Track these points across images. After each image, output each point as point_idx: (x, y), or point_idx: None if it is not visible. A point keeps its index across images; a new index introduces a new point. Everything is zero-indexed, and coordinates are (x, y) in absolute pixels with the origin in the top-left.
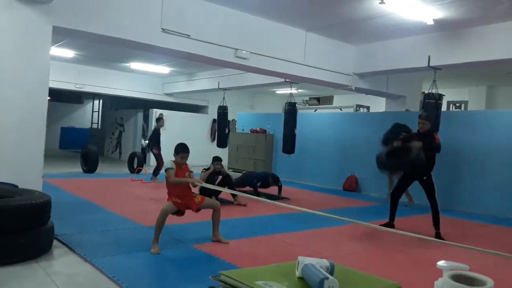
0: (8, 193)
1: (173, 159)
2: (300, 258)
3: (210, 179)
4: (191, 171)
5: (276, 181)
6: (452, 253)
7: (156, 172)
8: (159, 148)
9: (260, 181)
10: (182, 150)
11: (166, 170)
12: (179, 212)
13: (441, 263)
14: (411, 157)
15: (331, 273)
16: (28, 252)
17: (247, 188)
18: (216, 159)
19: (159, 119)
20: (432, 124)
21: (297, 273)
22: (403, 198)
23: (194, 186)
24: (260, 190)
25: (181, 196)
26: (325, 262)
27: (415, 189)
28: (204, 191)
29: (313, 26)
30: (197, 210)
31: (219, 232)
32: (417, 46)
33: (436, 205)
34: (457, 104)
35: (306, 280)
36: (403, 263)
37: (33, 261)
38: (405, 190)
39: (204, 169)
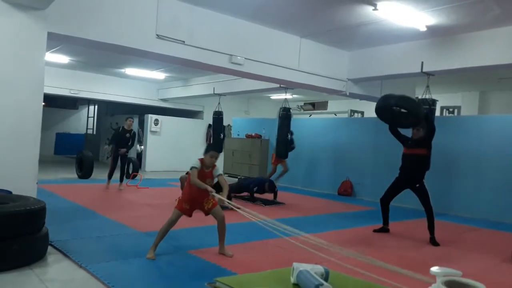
0: (3, 199)
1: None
2: (295, 264)
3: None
4: (221, 174)
5: (272, 188)
6: (446, 258)
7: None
8: (114, 150)
9: (257, 186)
10: (212, 149)
11: (191, 168)
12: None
13: (434, 269)
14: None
15: (326, 280)
16: (23, 259)
17: (244, 194)
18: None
19: (130, 118)
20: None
21: (292, 280)
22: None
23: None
24: (256, 195)
25: (192, 200)
26: (320, 269)
27: (407, 193)
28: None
29: (307, 32)
30: (206, 214)
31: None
32: (410, 52)
33: (431, 210)
34: (450, 110)
35: (301, 287)
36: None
37: (28, 267)
38: (394, 196)
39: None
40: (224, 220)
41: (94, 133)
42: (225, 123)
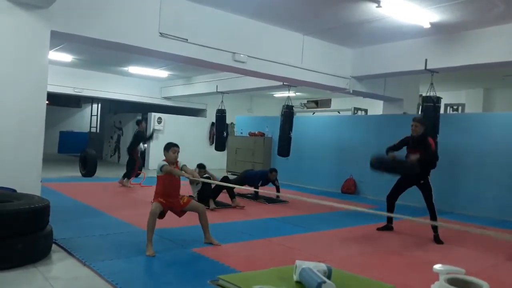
0: (7, 197)
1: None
2: (297, 262)
3: (206, 185)
4: (184, 165)
5: (273, 173)
6: (450, 256)
7: (130, 175)
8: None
9: (261, 180)
10: (172, 144)
11: (162, 167)
12: (161, 214)
13: (437, 266)
14: (406, 170)
15: (329, 277)
16: (27, 257)
17: (247, 187)
18: (199, 167)
19: (141, 121)
20: (425, 128)
21: (295, 277)
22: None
23: (192, 181)
24: (259, 191)
25: (167, 196)
26: (322, 266)
27: (412, 192)
28: (201, 195)
29: (311, 30)
30: (182, 212)
31: (212, 235)
32: (414, 49)
33: (433, 208)
34: (454, 107)
35: (303, 284)
36: (400, 266)
37: (32, 265)
38: (401, 193)
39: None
40: (205, 212)
41: (98, 131)
42: (228, 121)
